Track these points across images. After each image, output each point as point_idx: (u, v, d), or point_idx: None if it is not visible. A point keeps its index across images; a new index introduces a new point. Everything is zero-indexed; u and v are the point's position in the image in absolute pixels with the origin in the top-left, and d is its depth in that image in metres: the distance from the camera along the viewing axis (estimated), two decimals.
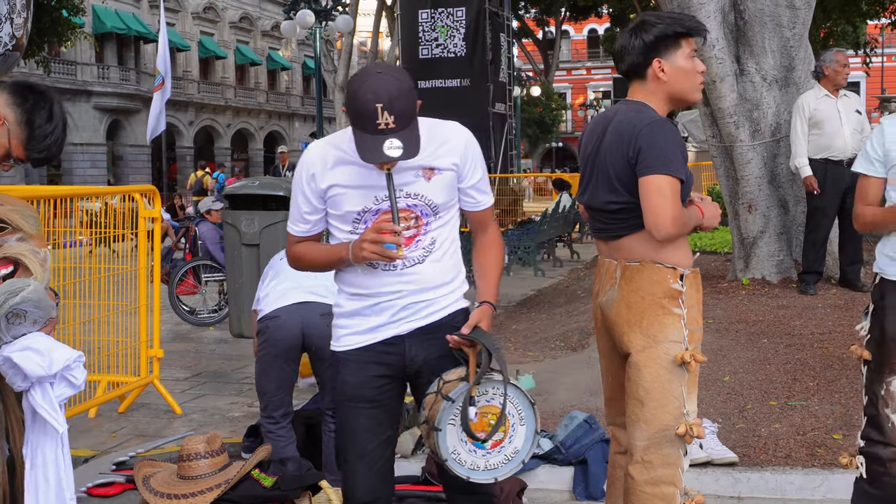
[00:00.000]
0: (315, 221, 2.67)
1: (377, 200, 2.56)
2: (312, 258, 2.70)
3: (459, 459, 2.59)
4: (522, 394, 2.65)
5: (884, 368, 3.12)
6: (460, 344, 2.61)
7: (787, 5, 7.06)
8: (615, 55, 2.98)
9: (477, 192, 2.72)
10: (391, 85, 2.40)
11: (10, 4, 6.25)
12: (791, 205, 7.30)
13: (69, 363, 2.26)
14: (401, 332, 2.66)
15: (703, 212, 2.90)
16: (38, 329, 2.26)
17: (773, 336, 5.84)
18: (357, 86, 2.43)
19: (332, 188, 2.58)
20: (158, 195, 6.14)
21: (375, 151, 2.40)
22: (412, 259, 2.62)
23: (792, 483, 4.12)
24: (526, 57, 40.74)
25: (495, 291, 2.74)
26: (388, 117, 2.38)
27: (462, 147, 2.64)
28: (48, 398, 2.24)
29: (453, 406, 2.56)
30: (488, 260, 2.79)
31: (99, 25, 35.39)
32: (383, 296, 2.63)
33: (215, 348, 8.20)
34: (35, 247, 2.35)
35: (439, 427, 2.55)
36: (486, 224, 2.80)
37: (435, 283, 2.65)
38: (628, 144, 2.82)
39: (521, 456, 2.64)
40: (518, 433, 2.64)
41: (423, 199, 2.60)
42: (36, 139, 2.42)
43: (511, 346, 7.38)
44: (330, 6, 18.24)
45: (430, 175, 2.59)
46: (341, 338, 2.72)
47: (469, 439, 2.56)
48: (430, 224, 2.63)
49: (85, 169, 35.70)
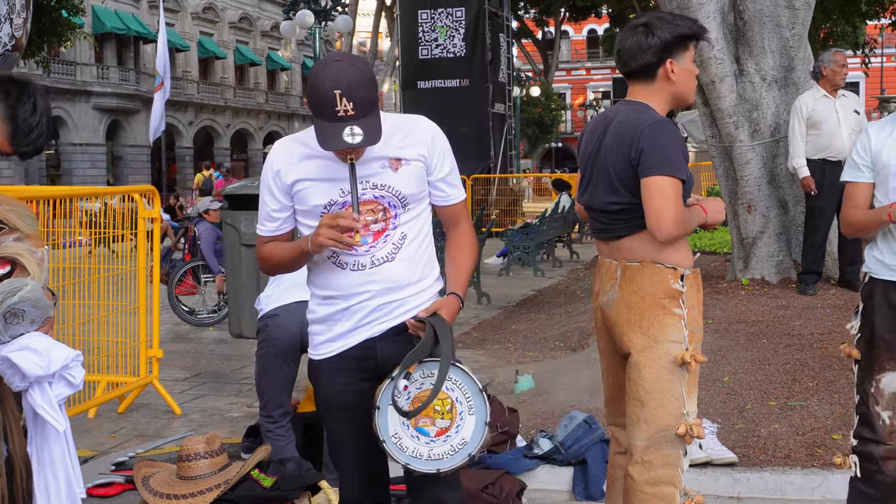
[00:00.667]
0: (283, 220, 2.62)
1: (343, 193, 2.51)
2: (278, 256, 2.64)
3: (400, 444, 2.47)
4: (472, 380, 2.49)
5: (873, 366, 3.14)
6: (416, 328, 2.53)
7: (786, 6, 7.06)
8: (622, 54, 2.94)
9: (447, 185, 2.65)
10: (350, 72, 2.36)
11: (9, 4, 6.25)
12: (790, 205, 7.30)
13: (67, 362, 2.26)
14: (373, 335, 2.59)
15: (705, 210, 2.90)
16: (35, 329, 2.26)
17: (773, 336, 5.84)
18: (316, 74, 2.39)
19: (298, 182, 2.54)
20: (158, 195, 6.14)
21: (335, 139, 2.36)
22: (381, 257, 2.56)
23: (791, 483, 4.12)
24: (525, 57, 40.75)
25: (465, 285, 2.67)
26: (347, 104, 2.34)
27: (429, 138, 2.59)
28: (47, 398, 2.24)
29: (392, 383, 2.46)
30: (460, 253, 2.71)
31: (98, 26, 35.38)
32: (352, 297, 2.57)
33: (214, 349, 8.20)
34: (32, 246, 2.35)
35: (378, 405, 2.45)
36: (459, 219, 2.73)
37: (406, 281, 2.58)
38: (630, 145, 2.82)
39: (470, 448, 2.47)
40: (466, 423, 2.47)
41: (391, 189, 2.54)
42: (21, 133, 2.40)
43: (511, 346, 7.39)
44: (329, 6, 18.21)
45: (397, 166, 2.54)
46: (318, 345, 2.67)
47: (402, 417, 2.43)
48: (398, 217, 2.57)
49: (84, 169, 35.68)
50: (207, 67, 44.38)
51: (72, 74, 35.59)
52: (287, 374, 4.27)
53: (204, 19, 43.30)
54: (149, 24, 37.60)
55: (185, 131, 41.32)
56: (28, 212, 2.44)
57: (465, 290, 2.67)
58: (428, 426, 2.47)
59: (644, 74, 2.92)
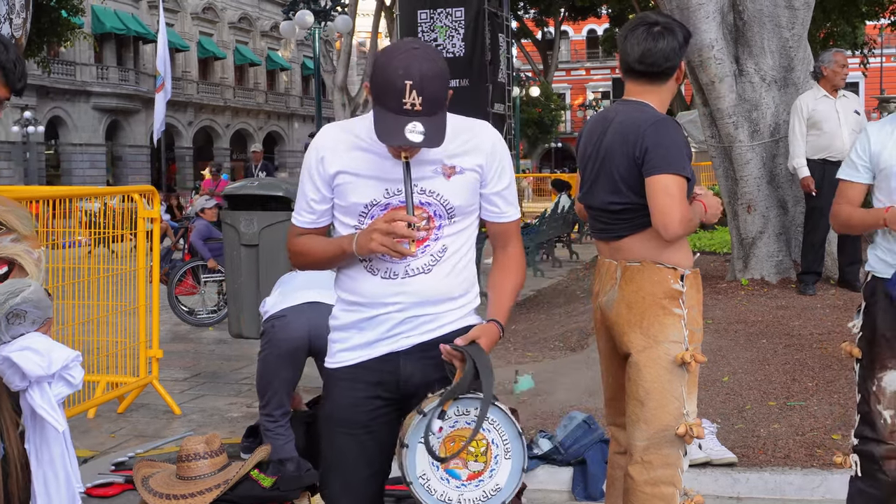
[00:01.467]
0: (322, 212, 2.39)
1: (388, 194, 2.29)
2: (314, 251, 2.40)
3: (428, 486, 2.22)
4: (511, 422, 2.25)
5: (875, 365, 3.14)
6: (451, 356, 2.27)
7: (786, 6, 7.06)
8: (649, 56, 2.87)
9: (502, 200, 2.41)
10: (425, 64, 2.15)
11: (8, 5, 6.24)
12: (790, 205, 7.30)
13: (67, 363, 2.26)
14: (397, 349, 2.35)
15: (706, 207, 2.91)
16: (35, 329, 2.27)
17: (773, 336, 5.84)
18: (387, 59, 2.17)
19: (340, 175, 2.31)
20: (157, 195, 6.14)
21: (395, 133, 2.13)
22: (416, 268, 2.32)
23: (791, 483, 4.12)
24: (525, 57, 40.77)
25: (507, 313, 2.42)
26: (417, 98, 2.12)
27: (489, 147, 2.36)
28: (46, 397, 2.25)
29: (425, 420, 2.21)
30: (506, 277, 2.46)
31: (98, 26, 35.41)
32: (380, 307, 2.34)
33: (214, 349, 8.20)
34: (29, 247, 2.35)
35: (406, 443, 2.21)
36: (509, 239, 2.47)
37: (440, 296, 2.35)
38: (633, 145, 2.82)
39: (504, 495, 2.24)
40: (502, 467, 2.24)
41: (439, 198, 2.31)
42: (9, 71, 2.40)
43: (510, 346, 7.38)
44: (329, 6, 18.21)
45: (451, 174, 2.31)
46: (336, 353, 2.44)
47: (433, 459, 2.21)
48: (442, 228, 2.33)
49: (84, 169, 35.72)
50: (207, 67, 44.39)
51: (71, 74, 35.61)
52: (290, 375, 4.23)
53: (203, 19, 43.31)
54: (148, 25, 37.62)
55: (185, 131, 41.33)
56: (25, 212, 2.45)
57: (507, 317, 2.42)
58: (460, 468, 2.24)
59: (665, 76, 2.92)
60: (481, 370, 2.22)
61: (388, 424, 2.40)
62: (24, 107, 31.47)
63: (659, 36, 2.88)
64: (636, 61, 2.91)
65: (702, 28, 6.84)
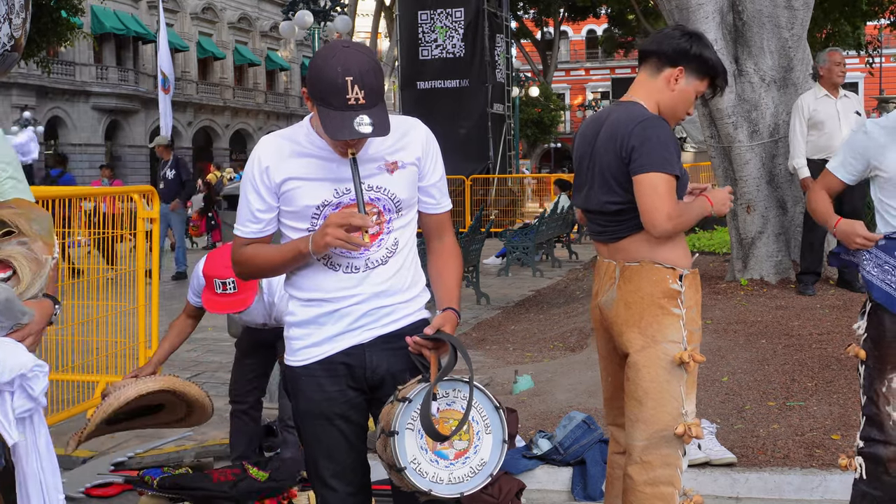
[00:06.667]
0: (268, 221, 2.46)
1: (338, 193, 2.39)
2: (264, 258, 2.47)
3: (420, 470, 2.31)
4: (488, 398, 2.38)
5: (885, 366, 3.12)
6: (421, 347, 2.39)
7: (785, 6, 7.07)
8: (654, 35, 3.00)
9: (437, 191, 2.54)
10: (361, 59, 2.25)
11: (8, 5, 6.24)
12: (789, 205, 7.31)
13: (24, 371, 2.09)
14: (361, 341, 2.45)
15: (711, 201, 2.91)
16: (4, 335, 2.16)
17: (772, 337, 5.85)
18: (323, 61, 2.26)
19: (288, 181, 2.39)
20: (157, 196, 6.14)
21: (345, 128, 2.22)
22: (375, 260, 2.43)
23: (790, 483, 4.12)
24: (524, 57, 40.76)
25: (458, 298, 2.53)
26: (359, 92, 2.22)
27: (424, 141, 2.48)
28: (4, 409, 2.09)
29: (411, 406, 2.30)
30: (447, 266, 2.57)
31: (98, 26, 35.39)
32: (342, 300, 2.43)
33: (214, 349, 8.20)
34: (36, 251, 2.30)
35: (396, 430, 2.28)
36: (444, 229, 2.60)
37: (397, 287, 2.47)
38: (621, 144, 2.83)
39: (490, 468, 2.37)
40: (484, 442, 2.37)
41: (387, 192, 2.42)
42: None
43: (510, 346, 7.39)
44: (328, 7, 18.21)
45: (394, 169, 2.42)
46: (297, 350, 2.50)
47: (431, 442, 2.31)
48: (392, 222, 2.45)
49: (83, 169, 35.68)
50: (206, 68, 44.38)
51: (71, 75, 35.60)
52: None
53: (203, 19, 43.29)
54: (148, 25, 37.61)
55: (185, 131, 41.31)
56: (39, 215, 2.37)
57: (459, 303, 2.54)
58: (446, 449, 2.34)
59: (655, 61, 2.92)
60: (461, 353, 2.34)
61: (362, 411, 2.53)
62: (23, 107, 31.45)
63: (682, 35, 2.91)
64: (645, 42, 3.00)
65: (701, 28, 6.84)
